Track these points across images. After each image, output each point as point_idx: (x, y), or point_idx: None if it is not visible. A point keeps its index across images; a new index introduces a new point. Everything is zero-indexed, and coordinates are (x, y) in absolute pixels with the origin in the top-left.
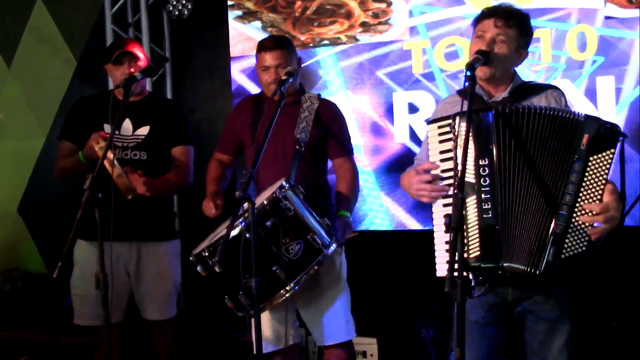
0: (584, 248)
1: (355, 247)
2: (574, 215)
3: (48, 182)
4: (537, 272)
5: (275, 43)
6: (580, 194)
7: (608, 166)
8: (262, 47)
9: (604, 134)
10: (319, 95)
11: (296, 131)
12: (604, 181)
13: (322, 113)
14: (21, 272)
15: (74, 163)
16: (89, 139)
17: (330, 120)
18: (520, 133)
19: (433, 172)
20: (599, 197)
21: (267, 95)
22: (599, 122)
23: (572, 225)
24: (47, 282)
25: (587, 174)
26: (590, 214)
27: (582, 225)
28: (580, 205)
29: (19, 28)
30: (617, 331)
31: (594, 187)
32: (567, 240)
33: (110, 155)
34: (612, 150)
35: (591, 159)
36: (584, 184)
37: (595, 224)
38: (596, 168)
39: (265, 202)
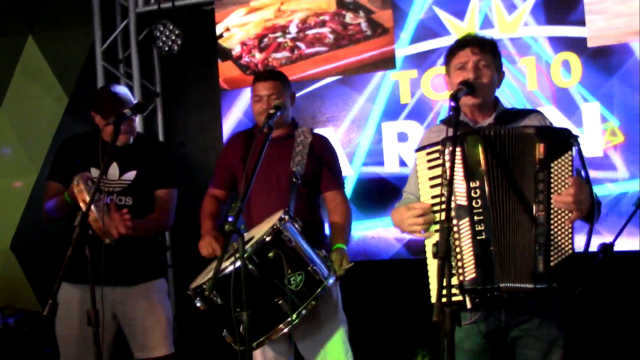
0: (569, 252)
1: (352, 277)
2: (551, 221)
3: (40, 220)
4: (534, 286)
5: (269, 74)
6: (552, 199)
7: (570, 168)
8: (257, 77)
9: (558, 140)
10: (311, 129)
11: (292, 164)
12: (570, 182)
13: (315, 147)
14: (13, 310)
15: (59, 203)
16: (72, 180)
17: (323, 154)
18: (503, 154)
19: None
20: None
21: (259, 126)
22: (550, 129)
23: (552, 232)
24: (40, 320)
25: (552, 180)
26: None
27: (562, 230)
28: (554, 210)
29: (11, 65)
30: (610, 356)
31: (562, 189)
32: (551, 248)
33: (86, 197)
34: (570, 153)
35: (552, 165)
36: (552, 190)
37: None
38: (559, 172)
39: (266, 234)
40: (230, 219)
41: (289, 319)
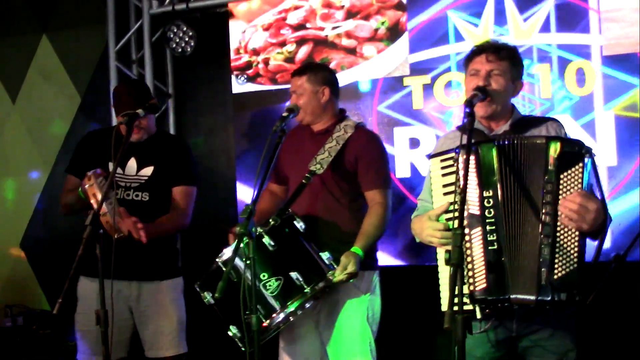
0: (575, 265)
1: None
2: (558, 233)
3: (51, 218)
4: (536, 298)
5: (298, 69)
6: (559, 212)
7: (580, 180)
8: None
9: (568, 151)
10: (358, 124)
11: (311, 162)
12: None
13: (352, 143)
14: (23, 308)
15: (74, 199)
16: (85, 175)
17: (360, 151)
18: (516, 164)
19: (446, 216)
20: None
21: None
22: (560, 140)
23: (558, 244)
24: (49, 318)
25: (561, 191)
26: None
27: (569, 242)
28: (561, 222)
29: (25, 64)
30: None
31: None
32: (556, 260)
33: (97, 193)
34: (581, 165)
35: (562, 176)
36: (560, 202)
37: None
38: (568, 184)
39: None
40: (240, 221)
41: (266, 323)
